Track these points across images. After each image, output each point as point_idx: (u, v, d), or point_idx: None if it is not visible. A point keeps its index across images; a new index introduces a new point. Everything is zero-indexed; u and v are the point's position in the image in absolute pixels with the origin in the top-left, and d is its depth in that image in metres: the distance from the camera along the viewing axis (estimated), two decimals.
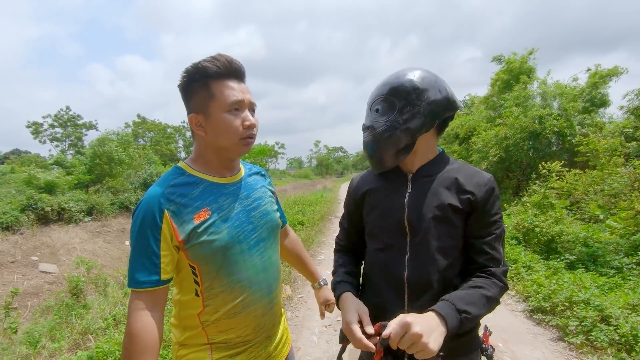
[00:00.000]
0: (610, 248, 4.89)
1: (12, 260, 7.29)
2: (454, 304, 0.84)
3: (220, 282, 0.97)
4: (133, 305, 0.89)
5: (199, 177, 1.00)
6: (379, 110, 0.99)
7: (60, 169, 14.20)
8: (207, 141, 1.00)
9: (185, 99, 1.01)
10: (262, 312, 1.05)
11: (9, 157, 29.01)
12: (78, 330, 3.24)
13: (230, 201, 1.02)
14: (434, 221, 0.94)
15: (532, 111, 10.12)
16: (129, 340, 0.86)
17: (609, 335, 2.85)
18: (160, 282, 0.91)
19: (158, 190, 0.94)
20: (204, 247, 0.94)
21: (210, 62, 0.95)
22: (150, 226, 0.90)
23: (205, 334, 1.00)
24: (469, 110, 18.51)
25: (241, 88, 0.99)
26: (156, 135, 39.92)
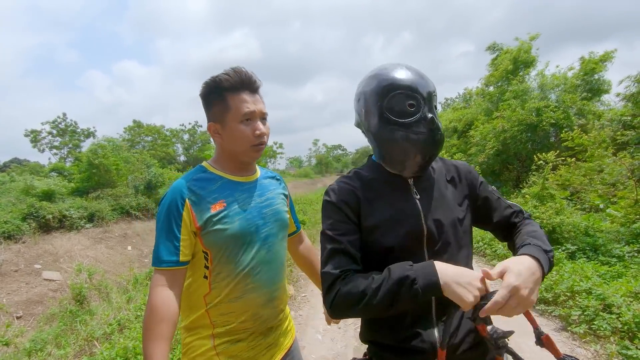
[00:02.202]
0: (611, 237, 4.90)
1: (16, 269, 7.30)
2: (541, 246, 0.81)
3: (227, 268, 1.08)
4: (154, 281, 1.02)
5: (218, 174, 1.14)
6: (437, 108, 0.95)
7: (58, 176, 14.20)
8: (223, 146, 1.14)
9: (205, 108, 1.14)
10: (262, 302, 1.12)
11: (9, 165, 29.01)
12: (83, 336, 3.25)
13: (245, 197, 1.14)
14: (451, 227, 0.91)
15: (530, 103, 10.12)
16: (150, 311, 0.98)
17: (611, 324, 2.87)
18: (179, 263, 1.03)
19: (182, 182, 1.09)
20: (217, 234, 1.06)
21: (226, 77, 1.08)
22: (173, 212, 1.04)
23: (208, 316, 1.09)
24: (466, 103, 18.50)
25: (254, 99, 1.11)
26: (153, 139, 39.92)
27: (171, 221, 1.03)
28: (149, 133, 39.83)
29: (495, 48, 13.82)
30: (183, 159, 43.30)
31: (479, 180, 1.02)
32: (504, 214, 1.00)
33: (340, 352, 2.91)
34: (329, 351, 2.95)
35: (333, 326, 3.38)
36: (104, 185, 12.66)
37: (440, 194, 0.95)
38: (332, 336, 3.20)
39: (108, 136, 14.73)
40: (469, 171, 1.02)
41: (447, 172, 1.00)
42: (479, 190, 1.00)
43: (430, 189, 0.95)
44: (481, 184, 1.01)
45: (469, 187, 1.00)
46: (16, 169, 21.34)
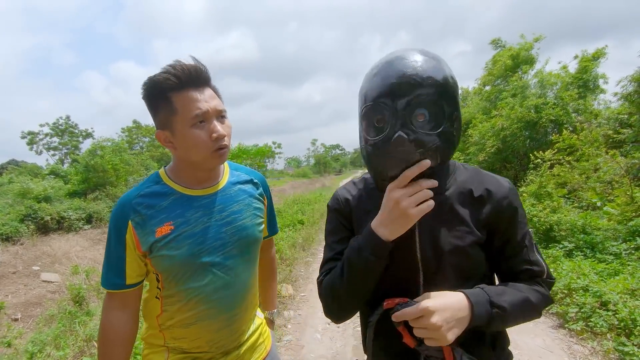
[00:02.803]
0: (608, 234, 4.92)
1: (14, 271, 7.28)
2: (490, 295, 0.72)
3: (178, 293, 0.98)
4: (105, 302, 0.98)
5: (171, 187, 0.99)
6: (425, 117, 0.69)
7: (56, 178, 14.16)
8: (179, 156, 0.97)
9: (151, 113, 0.96)
10: (217, 327, 1.02)
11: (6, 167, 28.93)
12: (82, 337, 3.25)
13: (199, 215, 0.98)
14: (454, 256, 0.77)
15: (528, 101, 10.15)
16: (101, 334, 0.97)
17: (608, 321, 2.89)
18: (125, 286, 0.96)
19: (128, 197, 0.96)
20: (164, 261, 0.95)
21: (164, 75, 0.89)
22: (116, 234, 0.94)
23: (162, 336, 1.02)
24: (464, 102, 18.53)
25: (205, 96, 0.92)
26: (151, 140, 39.82)
27: (115, 243, 0.94)
28: (147, 134, 39.73)
29: (498, 44, 13.69)
30: None
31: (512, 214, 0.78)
32: (514, 268, 0.80)
33: (340, 351, 2.92)
34: (328, 350, 2.96)
35: (332, 325, 3.39)
36: (102, 186, 12.64)
37: (451, 215, 0.78)
38: (331, 335, 3.21)
39: (107, 137, 14.70)
40: (505, 197, 0.78)
41: (474, 189, 0.79)
42: (506, 226, 0.78)
43: (438, 207, 0.75)
44: (512, 220, 0.79)
45: (494, 216, 0.78)
46: (14, 171, 21.28)
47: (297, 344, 3.06)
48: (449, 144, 0.72)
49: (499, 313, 0.71)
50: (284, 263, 5.11)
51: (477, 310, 0.69)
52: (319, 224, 8.72)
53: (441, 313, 0.67)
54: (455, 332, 0.68)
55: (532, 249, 0.80)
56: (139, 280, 0.98)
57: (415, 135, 0.68)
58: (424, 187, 0.69)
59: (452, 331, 0.67)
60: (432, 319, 0.66)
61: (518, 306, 0.73)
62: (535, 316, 0.79)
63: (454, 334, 0.67)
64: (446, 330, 0.66)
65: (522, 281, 0.79)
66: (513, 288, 0.76)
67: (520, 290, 0.76)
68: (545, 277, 0.80)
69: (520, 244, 0.79)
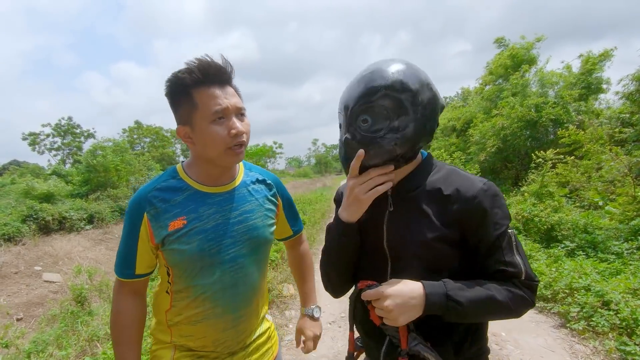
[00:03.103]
0: (610, 234, 4.92)
1: (16, 271, 7.30)
2: (448, 289, 0.76)
3: (186, 289, 1.00)
4: (115, 288, 1.03)
5: (187, 183, 1.00)
6: (368, 121, 0.80)
7: (58, 178, 14.20)
8: (197, 152, 0.99)
9: (173, 110, 0.98)
10: (223, 327, 1.02)
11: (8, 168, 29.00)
12: (84, 337, 3.26)
13: (212, 212, 0.99)
14: (418, 247, 0.82)
15: (529, 100, 10.12)
16: (113, 318, 1.01)
17: (609, 320, 2.88)
18: (135, 276, 1.00)
19: (145, 191, 0.98)
20: (175, 254, 0.96)
21: (187, 71, 0.91)
22: (131, 225, 0.97)
23: (170, 332, 1.05)
24: (465, 102, 18.51)
25: (226, 93, 0.94)
26: (152, 140, 39.87)
27: (129, 234, 0.97)
28: (148, 134, 39.78)
29: (502, 43, 13.54)
30: (182, 159, 43.27)
31: (482, 214, 0.80)
32: (489, 268, 0.81)
33: (341, 351, 2.93)
34: (329, 350, 2.96)
35: (333, 325, 3.40)
36: (103, 186, 12.67)
37: (418, 210, 0.84)
38: (333, 335, 3.21)
39: (108, 137, 14.74)
40: (474, 197, 0.80)
41: (443, 188, 0.83)
42: (476, 226, 0.80)
43: (409, 201, 0.85)
44: (483, 220, 0.80)
45: (463, 215, 0.81)
46: (16, 171, 21.35)
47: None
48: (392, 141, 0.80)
49: (454, 306, 0.75)
50: (285, 263, 5.11)
51: (431, 300, 0.76)
52: (320, 224, 8.73)
53: (394, 298, 0.76)
54: (407, 317, 0.76)
55: (509, 250, 0.81)
56: (149, 270, 1.02)
57: (360, 136, 0.81)
58: (372, 176, 0.82)
59: (403, 315, 0.76)
60: (386, 302, 0.76)
61: (479, 303, 0.76)
62: (506, 315, 0.80)
63: (406, 318, 0.76)
64: (397, 314, 0.75)
65: (496, 281, 0.81)
66: (479, 285, 0.79)
67: (486, 288, 0.78)
68: (523, 278, 0.80)
69: (495, 244, 0.80)
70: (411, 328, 0.82)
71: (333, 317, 3.57)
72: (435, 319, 0.79)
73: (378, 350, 0.89)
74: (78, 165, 14.55)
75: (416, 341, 0.81)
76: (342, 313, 3.64)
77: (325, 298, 4.05)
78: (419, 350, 0.80)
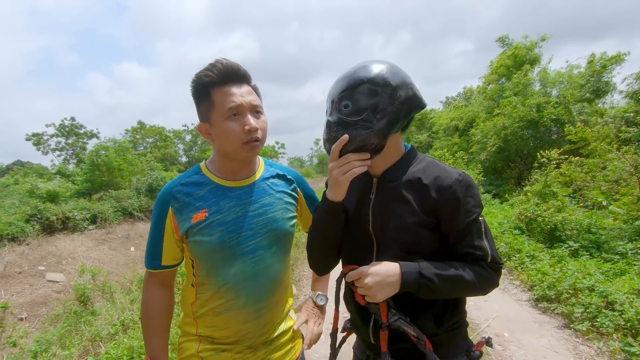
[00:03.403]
0: (614, 234, 4.88)
1: (20, 270, 7.34)
2: (421, 267, 0.86)
3: (209, 281, 1.04)
4: (145, 279, 1.09)
5: (208, 177, 1.07)
6: (348, 106, 0.89)
7: (62, 178, 14.27)
8: (216, 148, 1.06)
9: (196, 108, 1.06)
10: (244, 319, 1.05)
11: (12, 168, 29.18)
12: (87, 337, 3.27)
13: (232, 205, 1.04)
14: (399, 232, 0.90)
15: (530, 99, 10.07)
16: (143, 308, 1.07)
17: (614, 321, 2.86)
18: (162, 267, 1.05)
19: (171, 184, 1.06)
20: (197, 246, 1.01)
21: (206, 72, 0.98)
22: (158, 218, 1.03)
23: (195, 324, 1.08)
24: (467, 102, 18.44)
25: (241, 92, 0.99)
26: (154, 140, 39.98)
27: (156, 226, 1.04)
28: (150, 134, 39.89)
29: (505, 42, 13.37)
30: (185, 159, 43.36)
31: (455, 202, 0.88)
32: (458, 251, 0.90)
33: (343, 352, 2.91)
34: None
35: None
36: (107, 186, 12.73)
37: (398, 198, 0.92)
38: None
39: (112, 137, 14.80)
40: (449, 187, 0.88)
41: (423, 177, 0.92)
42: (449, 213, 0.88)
43: (390, 190, 0.94)
44: (456, 208, 0.88)
45: (439, 203, 0.88)
46: (19, 171, 21.47)
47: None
48: (367, 128, 0.87)
49: (426, 283, 0.85)
50: (292, 262, 5.11)
51: (406, 278, 0.85)
52: None
53: (373, 276, 0.85)
54: (384, 293, 0.85)
55: (478, 236, 0.89)
56: (175, 262, 1.08)
57: (340, 120, 0.90)
58: (350, 159, 0.88)
59: (381, 291, 0.85)
60: (365, 280, 0.86)
61: (448, 280, 0.86)
62: (473, 292, 0.90)
63: (384, 294, 0.85)
64: (376, 290, 0.85)
65: (466, 262, 0.90)
66: (448, 265, 0.88)
67: (455, 268, 0.87)
68: (489, 261, 0.89)
69: (465, 230, 0.89)
70: (391, 305, 0.91)
71: None
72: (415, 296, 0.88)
73: (366, 328, 0.99)
74: (82, 165, 14.61)
75: (396, 317, 0.90)
76: (344, 313, 3.64)
77: (329, 301, 4.05)
78: (398, 324, 0.89)
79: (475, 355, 0.96)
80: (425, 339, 0.89)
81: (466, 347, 0.98)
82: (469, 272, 0.87)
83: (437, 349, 0.90)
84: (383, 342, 0.92)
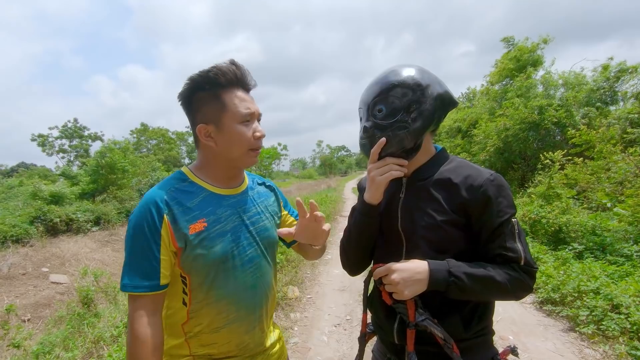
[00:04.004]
0: (619, 236, 4.84)
1: (23, 272, 7.38)
2: (450, 266, 0.85)
3: (207, 295, 0.96)
4: (134, 307, 0.89)
5: (200, 185, 0.99)
6: (382, 110, 0.93)
7: (66, 180, 14.36)
8: (216, 152, 0.99)
9: (191, 108, 0.98)
10: (246, 329, 1.02)
11: (16, 170, 29.39)
12: (90, 339, 3.28)
13: (229, 213, 1.00)
14: (427, 230, 0.91)
15: (533, 102, 10.02)
16: (136, 342, 0.86)
17: (620, 324, 2.83)
18: (159, 287, 0.91)
19: (158, 193, 0.93)
20: (196, 259, 0.93)
21: (220, 72, 0.94)
22: (150, 229, 0.89)
23: (187, 346, 0.99)
24: (470, 103, 18.39)
25: (251, 99, 1.00)
26: (158, 142, 40.14)
27: (148, 239, 0.89)
28: (154, 136, 40.08)
29: (510, 42, 13.20)
30: (187, 161, 43.51)
31: (486, 202, 0.87)
32: (490, 252, 0.89)
33: (346, 354, 2.91)
34: (334, 353, 2.95)
35: (339, 328, 3.38)
36: (110, 187, 12.79)
37: (428, 197, 0.93)
38: (338, 338, 3.19)
39: (114, 139, 14.88)
40: (480, 186, 0.87)
41: (453, 177, 0.92)
42: (480, 212, 0.88)
43: (420, 189, 0.96)
44: (487, 207, 0.87)
45: (469, 202, 0.88)
46: (24, 173, 21.62)
47: (304, 346, 3.05)
48: (403, 128, 0.90)
49: (455, 282, 0.83)
50: (290, 265, 5.11)
51: (434, 275, 0.85)
52: None
53: (401, 272, 0.86)
54: (412, 290, 0.85)
55: (511, 237, 0.87)
56: (169, 281, 0.94)
57: (375, 124, 0.93)
58: (388, 162, 0.92)
59: (409, 288, 0.85)
60: (393, 276, 0.86)
61: (478, 280, 0.84)
62: (504, 295, 0.88)
63: (411, 291, 0.85)
64: (403, 287, 0.85)
65: (497, 264, 0.88)
66: (479, 265, 0.87)
67: (485, 268, 0.86)
68: (522, 264, 0.87)
69: (497, 231, 0.87)
70: (419, 304, 0.90)
71: (338, 319, 3.55)
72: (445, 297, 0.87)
73: (391, 327, 0.97)
74: (85, 167, 14.70)
75: (423, 317, 0.88)
76: (347, 316, 3.63)
77: (331, 301, 4.04)
78: (426, 325, 0.87)
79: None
80: (453, 343, 0.87)
81: (492, 355, 0.96)
82: (500, 274, 0.85)
83: (463, 355, 0.88)
84: (410, 341, 0.90)
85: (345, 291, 4.33)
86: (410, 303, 0.89)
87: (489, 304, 0.96)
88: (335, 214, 11.19)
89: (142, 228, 0.90)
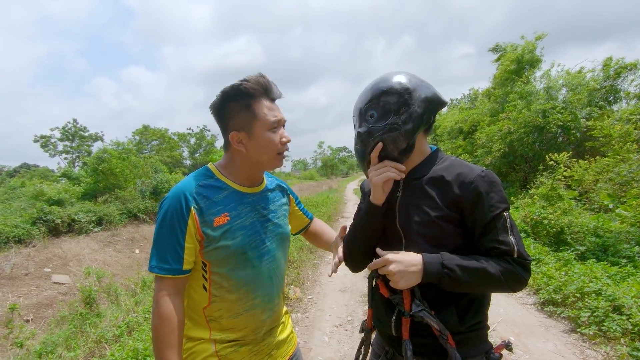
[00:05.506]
0: (621, 237, 4.83)
1: (26, 272, 7.40)
2: (443, 258, 0.89)
3: (228, 282, 1.05)
4: (159, 288, 1.00)
5: (225, 182, 1.10)
6: (374, 115, 0.99)
7: (67, 181, 14.40)
8: (245, 155, 1.09)
9: (223, 118, 1.08)
10: (261, 317, 1.12)
11: (19, 171, 29.52)
12: (93, 339, 3.29)
13: (248, 210, 1.11)
14: (423, 226, 0.95)
15: (536, 105, 9.98)
16: (160, 320, 0.97)
17: (621, 325, 2.83)
18: (182, 272, 1.01)
19: (188, 185, 1.04)
20: (219, 250, 1.03)
21: (251, 85, 1.04)
22: (178, 218, 1.00)
23: (209, 329, 1.08)
24: (472, 104, 18.38)
25: (277, 107, 1.11)
26: (159, 143, 40.21)
27: (175, 227, 0.99)
28: (155, 137, 40.15)
29: (498, 49, 13.35)
30: (189, 162, 43.57)
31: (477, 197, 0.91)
32: (484, 246, 0.92)
33: (347, 354, 2.91)
34: (335, 353, 2.95)
35: (340, 328, 3.38)
36: (111, 189, 12.83)
37: (422, 195, 0.98)
38: (339, 338, 3.20)
39: (116, 140, 14.92)
40: (471, 182, 0.92)
41: (445, 174, 0.97)
42: (472, 207, 0.92)
43: (415, 187, 1.01)
44: (478, 203, 0.91)
45: (461, 198, 0.92)
46: (26, 174, 21.71)
47: (305, 346, 3.05)
48: (395, 130, 0.95)
49: (448, 273, 0.87)
50: (291, 265, 5.11)
51: (428, 267, 0.89)
52: None
53: (396, 264, 0.90)
54: (407, 281, 0.89)
55: (504, 231, 0.90)
56: (192, 266, 1.04)
57: (368, 129, 0.99)
58: (386, 164, 0.98)
59: (404, 279, 0.89)
60: (389, 267, 0.90)
61: (471, 272, 0.87)
62: (498, 287, 0.90)
63: (406, 282, 0.89)
64: (399, 277, 0.89)
65: (491, 257, 0.90)
66: (472, 258, 0.90)
67: (478, 261, 0.89)
68: (516, 256, 0.89)
69: (489, 225, 0.90)
70: (416, 295, 0.94)
71: (340, 320, 3.55)
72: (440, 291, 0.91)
73: (389, 320, 1.01)
74: (86, 167, 14.75)
75: (420, 307, 0.92)
76: (348, 316, 3.63)
77: (332, 301, 4.05)
78: (422, 316, 0.91)
79: (495, 357, 0.96)
80: (449, 334, 0.90)
81: (486, 349, 0.99)
82: (493, 266, 0.88)
83: (458, 348, 0.91)
84: (405, 330, 0.94)
85: (346, 292, 4.33)
86: (407, 293, 0.94)
87: (485, 299, 0.99)
88: (336, 214, 11.19)
89: (171, 217, 1.00)
